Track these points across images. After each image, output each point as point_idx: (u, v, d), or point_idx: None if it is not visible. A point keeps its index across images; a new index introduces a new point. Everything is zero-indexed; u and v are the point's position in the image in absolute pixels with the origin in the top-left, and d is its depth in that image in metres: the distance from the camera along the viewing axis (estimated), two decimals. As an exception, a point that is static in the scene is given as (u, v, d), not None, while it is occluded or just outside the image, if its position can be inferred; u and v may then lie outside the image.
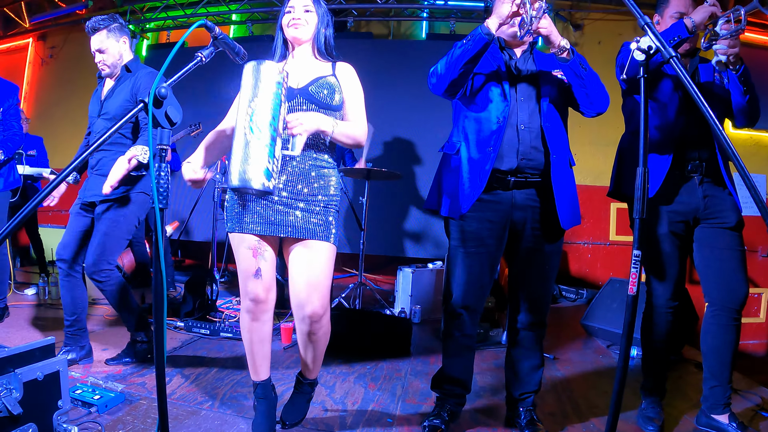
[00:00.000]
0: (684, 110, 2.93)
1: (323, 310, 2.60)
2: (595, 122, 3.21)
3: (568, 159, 2.80)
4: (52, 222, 8.40)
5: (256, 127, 2.23)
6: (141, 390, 3.27)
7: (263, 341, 2.75)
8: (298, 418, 2.87)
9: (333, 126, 2.51)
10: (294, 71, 2.67)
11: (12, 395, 2.08)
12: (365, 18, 8.50)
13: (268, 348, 2.79)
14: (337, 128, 2.53)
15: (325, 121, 2.49)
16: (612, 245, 7.64)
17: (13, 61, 10.02)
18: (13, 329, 4.48)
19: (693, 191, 2.99)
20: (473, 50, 2.54)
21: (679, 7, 2.92)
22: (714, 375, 3.00)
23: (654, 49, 1.87)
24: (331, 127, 2.50)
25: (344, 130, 2.57)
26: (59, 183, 1.52)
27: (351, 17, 8.34)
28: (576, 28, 7.88)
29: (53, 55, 10.09)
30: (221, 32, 1.94)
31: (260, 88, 2.25)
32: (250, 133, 2.23)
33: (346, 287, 5.96)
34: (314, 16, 2.71)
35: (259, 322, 2.69)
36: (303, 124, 2.38)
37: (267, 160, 2.23)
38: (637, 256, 1.88)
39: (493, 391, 3.62)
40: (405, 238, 7.82)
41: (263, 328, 2.72)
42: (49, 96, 9.99)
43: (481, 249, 2.81)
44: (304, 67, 2.72)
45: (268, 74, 2.28)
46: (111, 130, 1.64)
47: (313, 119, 2.44)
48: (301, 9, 2.68)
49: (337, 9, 8.26)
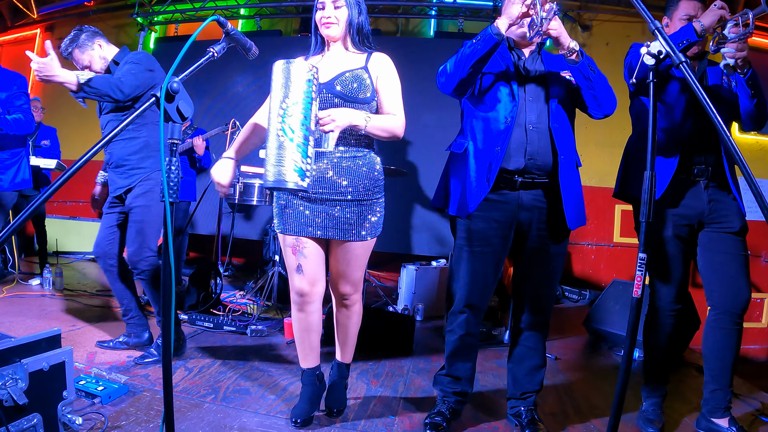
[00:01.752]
0: (691, 113, 2.93)
1: (353, 291, 2.97)
2: (601, 123, 3.22)
3: (575, 160, 2.80)
4: (57, 213, 8.44)
5: (288, 128, 2.24)
6: (144, 382, 3.28)
7: (309, 331, 2.91)
8: (340, 406, 3.07)
9: (366, 120, 2.55)
10: (325, 66, 2.70)
11: (18, 385, 2.09)
12: (373, 15, 8.42)
13: (315, 338, 2.96)
14: (370, 122, 2.57)
15: (357, 116, 2.53)
16: (616, 247, 7.63)
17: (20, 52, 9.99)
18: (19, 319, 4.49)
19: (698, 195, 2.99)
20: (483, 50, 2.54)
21: (688, 10, 2.92)
22: (715, 378, 3.00)
23: (664, 54, 1.88)
24: (364, 122, 2.55)
25: (379, 123, 2.62)
26: (69, 177, 1.52)
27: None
28: (584, 29, 7.86)
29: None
30: (233, 27, 1.95)
31: (291, 87, 2.26)
32: (283, 134, 2.24)
33: (349, 283, 5.97)
34: (344, 11, 2.73)
35: (304, 312, 2.87)
36: (335, 121, 2.42)
37: (300, 159, 2.26)
38: (643, 259, 1.89)
39: (495, 390, 3.62)
40: (409, 235, 7.81)
41: (308, 319, 2.88)
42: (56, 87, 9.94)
43: (486, 248, 2.82)
44: (335, 60, 2.77)
45: (298, 73, 2.27)
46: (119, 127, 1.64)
47: (345, 115, 2.48)
48: (330, 6, 2.71)
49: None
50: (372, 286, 5.91)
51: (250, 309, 5.13)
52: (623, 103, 2.80)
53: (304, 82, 2.27)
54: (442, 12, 8.48)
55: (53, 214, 8.25)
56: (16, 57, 10.09)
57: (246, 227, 8.02)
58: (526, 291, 2.95)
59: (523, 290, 2.96)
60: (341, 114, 2.46)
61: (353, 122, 2.51)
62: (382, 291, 6.05)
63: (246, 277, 7.18)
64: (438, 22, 8.58)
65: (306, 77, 2.27)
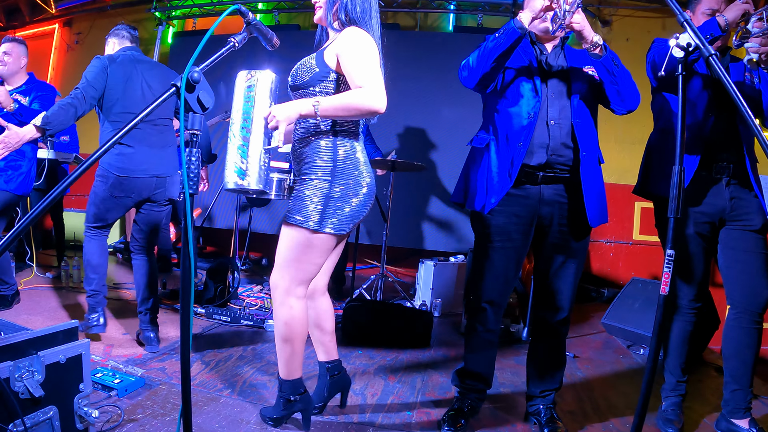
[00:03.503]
0: (713, 109, 2.89)
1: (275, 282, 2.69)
2: (622, 119, 3.18)
3: (597, 156, 2.77)
4: (75, 206, 8.48)
5: (231, 134, 2.42)
6: (161, 375, 3.29)
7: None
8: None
9: (314, 105, 2.40)
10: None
11: (34, 378, 2.08)
12: (392, 9, 8.48)
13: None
14: (321, 105, 2.40)
15: (302, 105, 2.43)
16: (635, 244, 7.56)
17: (39, 47, 10.07)
18: (35, 312, 4.52)
19: (720, 193, 2.95)
20: (505, 44, 2.51)
21: (712, 4, 2.89)
22: (735, 379, 2.96)
23: (693, 47, 1.84)
24: (312, 107, 2.40)
25: (333, 103, 2.43)
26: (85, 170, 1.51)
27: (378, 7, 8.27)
28: (604, 24, 7.80)
29: (79, 41, 10.16)
30: (254, 18, 1.93)
31: (234, 97, 2.42)
32: (228, 140, 2.40)
33: (367, 278, 5.97)
34: None
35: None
36: (276, 116, 2.36)
37: (240, 160, 2.35)
38: (671, 256, 1.86)
39: (513, 387, 3.61)
40: (427, 230, 7.80)
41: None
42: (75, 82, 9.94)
43: (507, 244, 2.79)
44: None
45: (238, 82, 2.45)
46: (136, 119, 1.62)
47: (286, 108, 2.40)
48: None
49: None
50: (390, 281, 5.89)
51: (267, 303, 5.12)
52: (643, 99, 2.76)
53: (243, 89, 2.41)
54: (461, 6, 8.46)
55: (71, 207, 8.30)
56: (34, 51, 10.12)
57: (263, 221, 8.04)
58: (546, 288, 2.91)
59: (543, 287, 2.92)
60: (282, 108, 2.38)
61: (298, 112, 2.41)
62: (400, 286, 6.04)
63: (263, 271, 7.19)
64: (457, 17, 8.54)
65: (245, 84, 2.42)
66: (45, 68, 10.01)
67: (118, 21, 3.87)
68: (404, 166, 5.41)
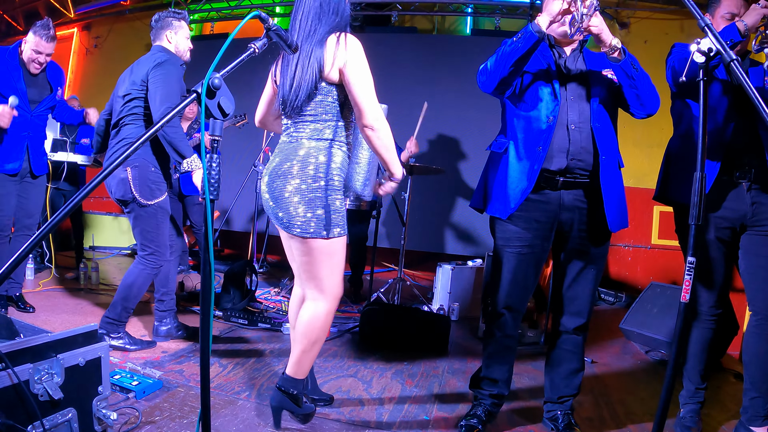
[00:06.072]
0: (733, 115, 2.86)
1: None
2: (640, 123, 3.16)
3: (617, 160, 2.75)
4: (94, 208, 8.54)
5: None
6: (179, 377, 3.30)
7: None
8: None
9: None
10: None
11: (53, 380, 2.10)
12: (410, 12, 8.51)
13: None
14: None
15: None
16: (653, 249, 7.52)
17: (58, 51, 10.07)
18: (54, 314, 4.55)
19: (741, 198, 2.91)
20: (524, 48, 2.50)
21: (731, 8, 2.86)
22: (755, 386, 2.92)
23: (714, 52, 1.83)
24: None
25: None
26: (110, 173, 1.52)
27: (395, 11, 8.34)
28: (622, 27, 7.77)
29: (98, 45, 10.26)
30: (275, 24, 1.93)
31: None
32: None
33: (385, 282, 5.97)
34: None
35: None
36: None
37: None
38: (692, 263, 1.84)
39: (531, 393, 3.59)
40: (445, 234, 7.80)
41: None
42: (93, 85, 10.15)
43: (526, 249, 2.78)
44: None
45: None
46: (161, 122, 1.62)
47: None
48: None
49: (381, 3, 8.33)
50: (407, 284, 5.89)
51: (285, 306, 5.13)
52: (662, 102, 2.74)
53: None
54: (478, 9, 8.45)
55: (90, 210, 8.37)
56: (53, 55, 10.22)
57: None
58: (565, 293, 2.89)
59: (562, 292, 2.91)
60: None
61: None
62: (418, 290, 6.04)
63: (281, 274, 7.20)
64: (474, 20, 8.57)
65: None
66: (64, 72, 10.09)
67: (136, 25, 3.88)
68: (422, 169, 5.41)
